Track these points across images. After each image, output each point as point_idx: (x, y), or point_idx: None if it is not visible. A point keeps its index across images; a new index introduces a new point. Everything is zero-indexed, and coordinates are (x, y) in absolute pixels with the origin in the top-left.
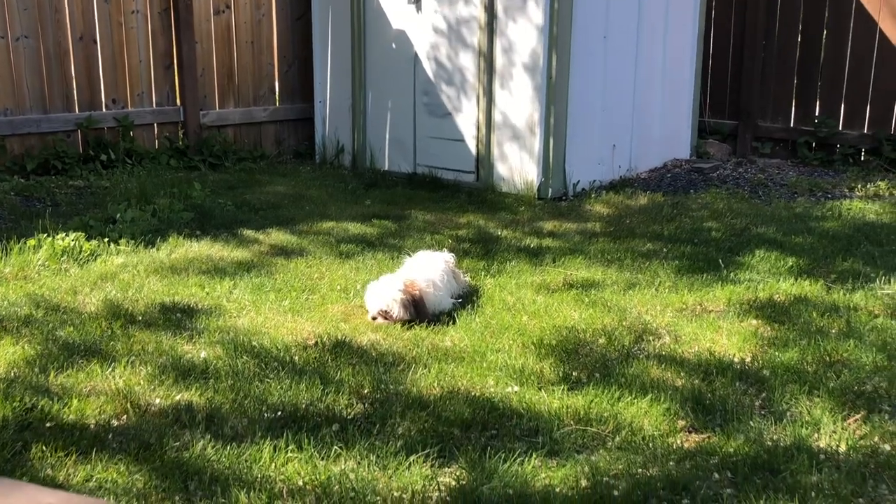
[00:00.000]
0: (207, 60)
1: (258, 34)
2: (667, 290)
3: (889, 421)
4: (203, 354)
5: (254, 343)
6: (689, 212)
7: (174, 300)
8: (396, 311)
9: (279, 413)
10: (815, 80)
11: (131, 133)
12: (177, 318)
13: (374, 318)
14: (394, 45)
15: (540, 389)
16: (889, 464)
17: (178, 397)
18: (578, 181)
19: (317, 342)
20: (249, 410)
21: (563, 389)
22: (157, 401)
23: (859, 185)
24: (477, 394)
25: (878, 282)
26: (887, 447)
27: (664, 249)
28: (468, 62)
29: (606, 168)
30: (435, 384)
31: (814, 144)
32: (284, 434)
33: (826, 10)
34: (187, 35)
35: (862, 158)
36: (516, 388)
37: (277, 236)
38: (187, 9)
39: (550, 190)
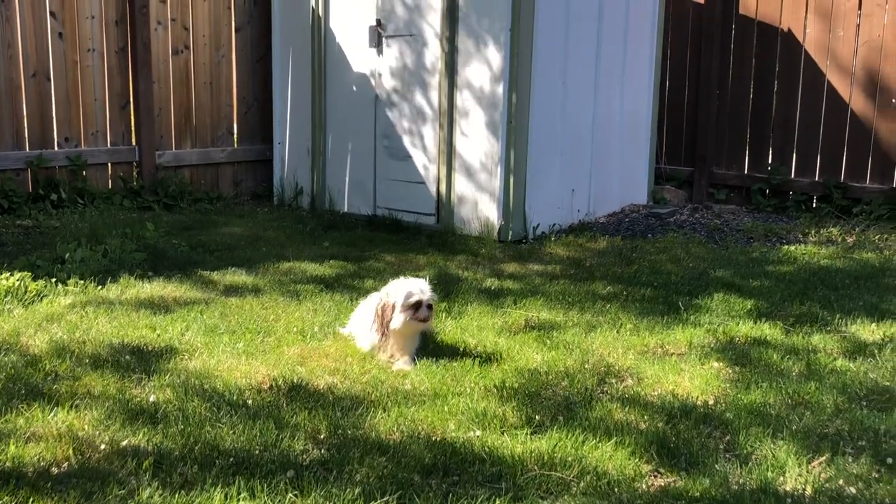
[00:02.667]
0: (165, 100)
1: (217, 75)
2: (628, 333)
3: (853, 463)
4: (152, 398)
5: (206, 386)
6: (648, 255)
7: (124, 342)
8: (432, 296)
9: (231, 459)
10: (767, 129)
11: (84, 172)
12: (126, 360)
13: (407, 310)
14: (354, 88)
15: (503, 433)
16: None
17: (124, 443)
18: (538, 224)
19: (272, 385)
20: (200, 456)
21: (527, 433)
22: (102, 446)
23: (812, 231)
24: (438, 438)
25: (835, 324)
26: (852, 490)
27: (624, 292)
28: (429, 105)
29: (566, 212)
30: (395, 428)
31: (767, 191)
32: (236, 481)
33: (777, 62)
34: (145, 74)
35: (814, 205)
36: (479, 433)
37: (233, 277)
38: (145, 48)
39: (511, 232)
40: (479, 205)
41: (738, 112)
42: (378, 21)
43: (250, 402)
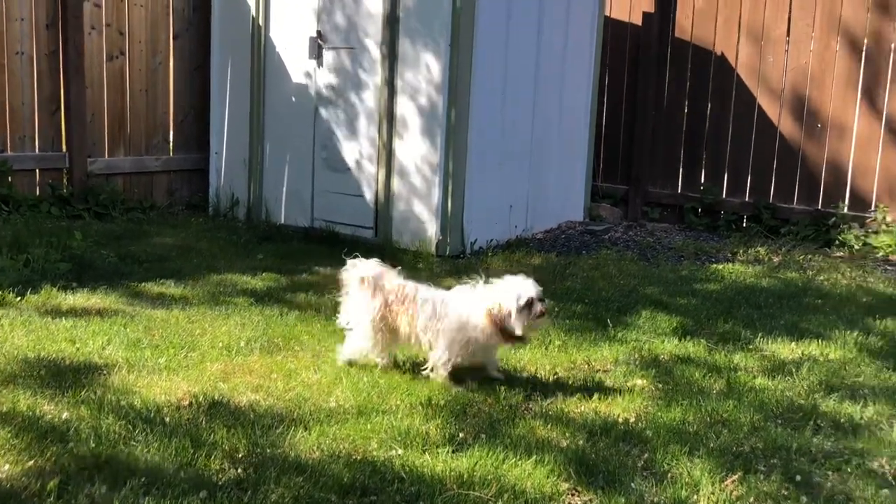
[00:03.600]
0: (98, 106)
1: (153, 82)
2: (556, 349)
3: (764, 481)
4: (65, 415)
5: (123, 403)
6: (581, 272)
7: (40, 356)
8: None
9: (143, 479)
10: (700, 150)
11: (9, 178)
12: (40, 375)
13: (522, 312)
14: (294, 99)
15: (424, 452)
16: None
17: (29, 463)
18: (476, 239)
19: (191, 402)
20: (110, 476)
21: (448, 451)
22: (6, 467)
23: (741, 250)
24: (359, 457)
25: (756, 343)
26: None
27: (556, 308)
28: (367, 118)
29: (503, 227)
30: (315, 447)
31: (700, 210)
32: (146, 501)
33: (711, 85)
34: (77, 79)
35: (744, 225)
36: (400, 451)
37: (161, 290)
38: (77, 52)
39: (448, 247)
40: (418, 219)
41: (673, 132)
42: (318, 32)
43: (168, 419)
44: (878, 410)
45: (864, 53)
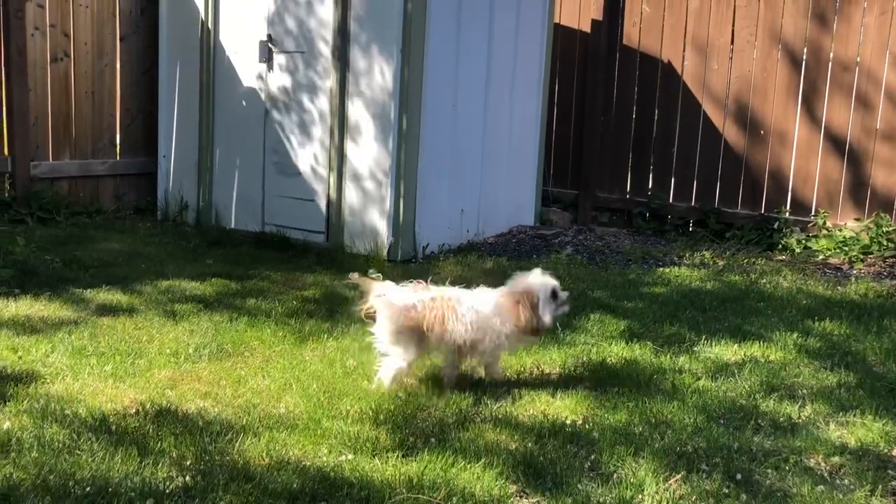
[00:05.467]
0: (42, 109)
1: (100, 85)
2: (506, 353)
3: (706, 480)
4: (6, 425)
5: (67, 412)
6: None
7: None
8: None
9: (88, 489)
10: (648, 155)
11: None
12: None
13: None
14: (244, 102)
15: (374, 457)
16: None
17: None
18: (428, 244)
19: (138, 410)
20: (54, 487)
21: (398, 456)
22: None
23: (687, 254)
24: (308, 463)
25: (701, 345)
26: None
27: None
28: (319, 122)
29: (455, 232)
30: (264, 454)
31: (648, 215)
32: None
33: (658, 92)
34: (19, 81)
35: (690, 229)
36: (350, 456)
37: (107, 296)
38: (20, 54)
39: (400, 252)
40: (370, 223)
41: (622, 138)
42: (269, 36)
43: (114, 427)
44: (816, 409)
45: (803, 64)
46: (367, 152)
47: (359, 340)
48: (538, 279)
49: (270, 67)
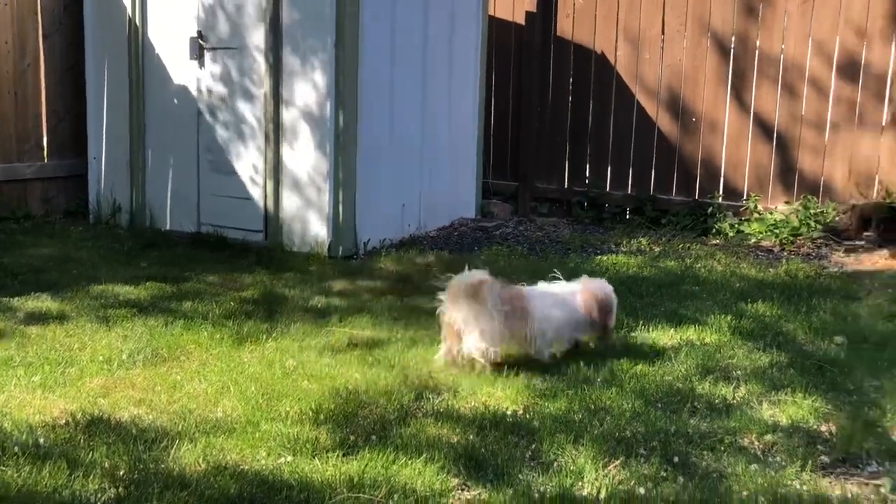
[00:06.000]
0: None
1: (23, 85)
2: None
3: (644, 464)
4: None
5: None
6: (474, 268)
7: None
8: None
9: None
10: (585, 145)
11: None
12: None
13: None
14: (176, 101)
15: (314, 458)
16: None
17: None
18: (369, 239)
19: (68, 421)
20: None
21: (338, 456)
22: None
23: (624, 241)
24: (247, 467)
25: (638, 331)
26: (642, 490)
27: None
28: (254, 119)
29: (396, 226)
30: (200, 460)
31: (586, 204)
32: None
33: (592, 83)
34: None
35: (627, 217)
36: (289, 458)
37: (36, 303)
38: None
39: (341, 248)
40: (309, 221)
41: (558, 129)
42: (199, 32)
43: (42, 440)
44: (750, 390)
45: (731, 53)
46: (304, 148)
47: (299, 340)
48: (607, 286)
49: (202, 64)
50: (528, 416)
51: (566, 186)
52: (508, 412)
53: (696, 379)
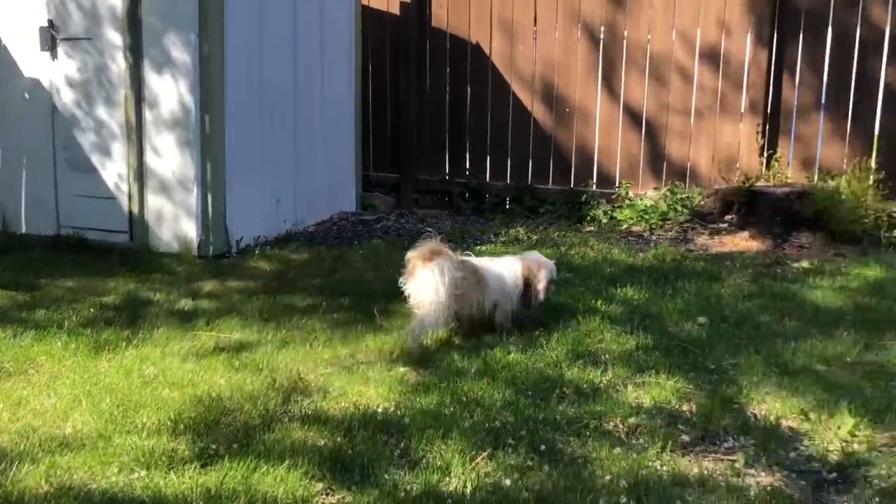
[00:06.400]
0: None
1: None
2: (321, 346)
3: (512, 454)
4: None
5: None
6: (352, 263)
7: None
8: None
9: None
10: (464, 136)
11: None
12: None
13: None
14: (27, 96)
15: (170, 471)
16: (509, 497)
17: None
18: (242, 237)
19: None
20: None
21: (196, 467)
22: None
23: (503, 231)
24: (95, 486)
25: None
26: (508, 482)
27: (324, 303)
28: (114, 115)
29: (271, 223)
30: (43, 482)
31: (467, 195)
32: None
33: (468, 73)
34: None
35: (508, 206)
36: (143, 473)
37: None
38: None
39: (211, 247)
40: (176, 220)
41: (438, 120)
42: (50, 22)
43: None
44: (616, 373)
45: (601, 44)
46: (170, 145)
47: (161, 346)
48: (540, 257)
49: (55, 56)
50: (399, 413)
51: (447, 178)
52: (379, 410)
53: (566, 365)
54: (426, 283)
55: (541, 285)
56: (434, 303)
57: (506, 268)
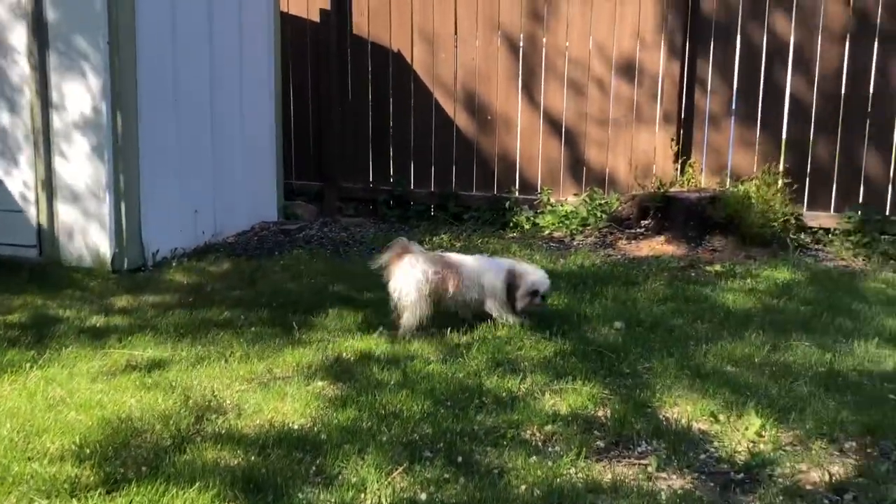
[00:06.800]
0: None
1: None
2: (237, 361)
3: (428, 468)
4: None
5: None
6: (272, 275)
7: None
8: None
9: None
10: (388, 144)
11: None
12: None
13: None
14: None
15: (73, 498)
16: None
17: None
18: (158, 250)
19: None
20: None
21: (102, 493)
22: None
23: (427, 239)
24: None
25: (435, 329)
26: (424, 496)
27: (242, 316)
28: (18, 124)
29: (189, 234)
30: None
31: (392, 202)
32: None
33: (391, 81)
34: None
35: (432, 214)
36: (44, 503)
37: None
38: None
39: (126, 261)
40: (89, 234)
41: (361, 128)
42: None
43: None
44: (535, 380)
45: (521, 52)
46: (79, 155)
47: (69, 366)
48: (533, 273)
49: None
50: (315, 429)
51: (371, 185)
52: (295, 426)
53: (486, 374)
54: (401, 277)
55: (518, 293)
56: (410, 294)
57: (489, 267)
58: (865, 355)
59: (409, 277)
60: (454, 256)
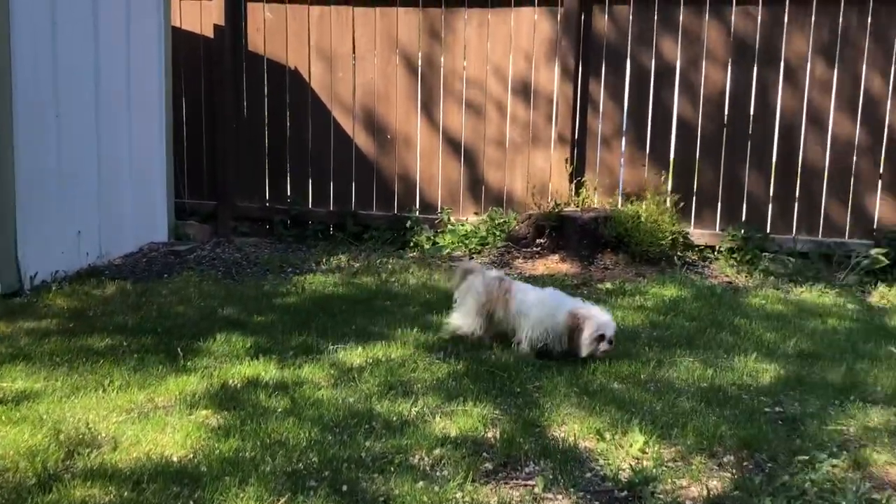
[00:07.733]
0: None
1: None
2: (116, 390)
3: (312, 497)
4: None
5: None
6: (159, 298)
7: None
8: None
9: None
10: (284, 162)
11: None
12: None
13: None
14: None
15: None
16: None
17: None
18: (37, 273)
19: None
20: None
21: None
22: None
23: (324, 259)
24: None
25: (327, 352)
26: None
27: (124, 343)
28: None
29: (71, 256)
30: None
31: (289, 222)
32: None
33: (287, 99)
34: None
35: (331, 233)
36: None
37: None
38: None
39: (1, 285)
40: None
41: (256, 146)
42: None
43: None
44: (427, 403)
45: (420, 73)
46: None
47: None
48: (599, 317)
49: None
50: (195, 461)
51: (268, 205)
52: (175, 458)
53: (377, 398)
54: (464, 289)
55: (583, 337)
56: (464, 306)
57: (549, 301)
58: (745, 370)
59: (469, 291)
60: (517, 284)
